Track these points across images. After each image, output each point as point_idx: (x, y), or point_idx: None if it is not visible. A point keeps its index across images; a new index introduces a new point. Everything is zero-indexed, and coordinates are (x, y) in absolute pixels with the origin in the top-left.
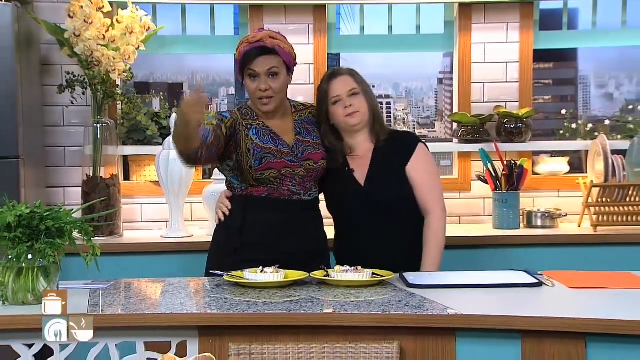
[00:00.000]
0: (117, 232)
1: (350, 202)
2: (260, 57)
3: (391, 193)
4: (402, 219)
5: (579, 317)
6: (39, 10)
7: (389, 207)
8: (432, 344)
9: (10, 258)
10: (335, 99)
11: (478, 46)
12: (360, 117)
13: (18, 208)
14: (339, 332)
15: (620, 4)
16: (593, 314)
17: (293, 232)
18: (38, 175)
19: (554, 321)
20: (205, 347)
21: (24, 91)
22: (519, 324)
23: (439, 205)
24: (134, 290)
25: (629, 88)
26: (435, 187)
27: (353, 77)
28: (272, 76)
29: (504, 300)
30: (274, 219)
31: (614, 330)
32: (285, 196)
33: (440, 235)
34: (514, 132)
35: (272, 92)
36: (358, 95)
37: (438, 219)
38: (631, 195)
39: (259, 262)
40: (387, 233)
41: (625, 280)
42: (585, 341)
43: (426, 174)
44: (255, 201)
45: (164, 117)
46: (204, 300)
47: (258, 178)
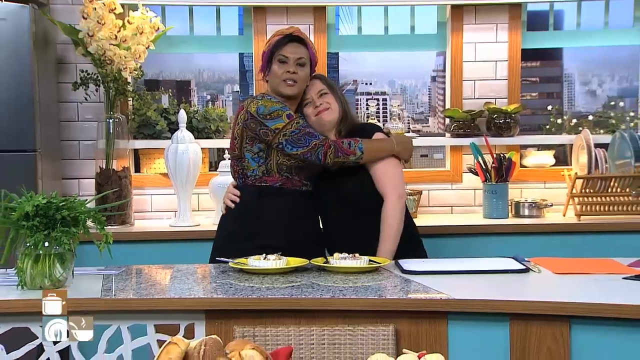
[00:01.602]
0: (129, 221)
1: (326, 193)
2: (291, 44)
3: (355, 183)
4: (366, 209)
5: (563, 301)
6: (55, 11)
7: (355, 198)
8: (426, 327)
9: (28, 245)
10: (306, 101)
11: (469, 46)
12: (332, 113)
13: (35, 198)
14: (338, 316)
15: (603, 6)
16: (577, 298)
17: (302, 220)
18: (54, 168)
19: (540, 305)
20: (211, 330)
21: (40, 88)
22: (507, 307)
23: (395, 191)
24: (144, 276)
25: (611, 85)
26: (390, 173)
27: (320, 80)
28: (300, 66)
29: (493, 285)
30: (286, 207)
31: (596, 313)
32: (297, 187)
33: (392, 220)
34: (503, 127)
35: (297, 77)
36: (327, 95)
37: (392, 203)
38: (613, 186)
39: (271, 248)
40: (356, 223)
41: (607, 266)
42: (569, 323)
43: (380, 162)
44: (269, 190)
45: (172, 113)
46: (210, 285)
47: (280, 163)
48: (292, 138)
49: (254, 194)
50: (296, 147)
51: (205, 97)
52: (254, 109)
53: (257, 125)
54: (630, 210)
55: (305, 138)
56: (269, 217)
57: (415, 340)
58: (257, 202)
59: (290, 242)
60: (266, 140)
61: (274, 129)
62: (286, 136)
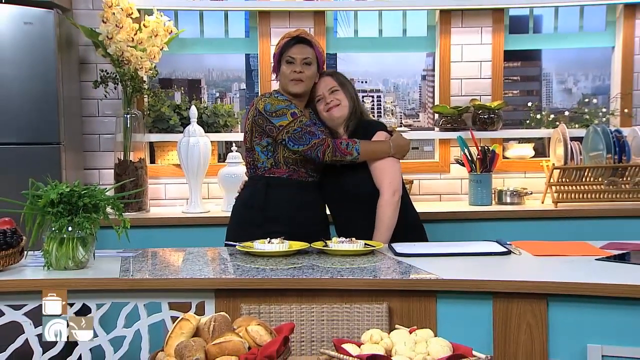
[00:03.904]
0: (145, 208)
1: (329, 185)
2: (298, 45)
3: (355, 177)
4: (365, 200)
5: (541, 280)
6: (77, 16)
7: (356, 191)
8: (416, 304)
9: (54, 230)
10: (318, 97)
11: (456, 47)
12: (342, 109)
13: (60, 187)
14: (336, 295)
15: (578, 12)
16: (553, 277)
17: (307, 209)
18: (77, 159)
19: (521, 284)
20: (220, 307)
21: (64, 86)
22: (490, 286)
23: (390, 188)
24: (159, 258)
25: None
26: (387, 170)
27: (332, 77)
28: (306, 65)
29: (478, 267)
30: (292, 197)
31: (571, 292)
32: (303, 178)
33: (384, 215)
34: (487, 122)
35: (303, 76)
36: (337, 92)
37: (386, 199)
38: (587, 176)
39: (278, 234)
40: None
41: (581, 248)
42: (547, 301)
43: (380, 160)
44: (277, 181)
45: (184, 109)
46: (219, 266)
47: (287, 156)
48: (295, 136)
49: (263, 184)
50: (297, 144)
51: (214, 94)
52: (262, 106)
53: (264, 121)
54: (603, 197)
55: (307, 137)
56: (277, 205)
57: (406, 316)
58: (265, 191)
59: (296, 228)
60: (272, 136)
61: (278, 126)
62: (289, 133)
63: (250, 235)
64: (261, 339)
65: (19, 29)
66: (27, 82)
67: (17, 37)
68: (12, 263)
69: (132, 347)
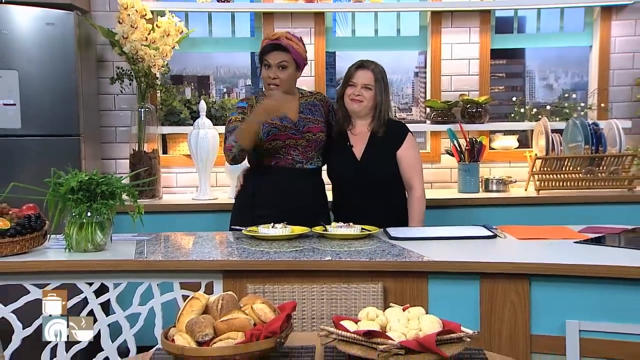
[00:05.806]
0: (157, 195)
1: (346, 171)
2: (274, 52)
3: (381, 169)
4: (385, 190)
5: (524, 262)
6: (95, 17)
7: (378, 180)
8: (409, 284)
9: (74, 215)
10: (352, 83)
11: (446, 46)
12: (362, 106)
13: (79, 175)
14: (335, 275)
15: (558, 13)
16: (535, 259)
17: (294, 194)
18: (95, 150)
19: (505, 265)
20: (228, 287)
21: (83, 82)
22: (477, 267)
23: (421, 183)
24: (171, 241)
25: (565, 80)
26: (418, 168)
27: (373, 73)
28: (281, 68)
29: (466, 249)
30: (279, 183)
31: (551, 272)
32: (289, 165)
33: (421, 203)
34: (475, 115)
35: (278, 81)
36: (369, 90)
37: (420, 191)
38: (566, 165)
39: (267, 218)
40: (372, 200)
41: (561, 232)
42: (529, 280)
43: (413, 159)
44: (265, 169)
45: (194, 103)
46: (227, 249)
47: (267, 148)
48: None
49: (254, 173)
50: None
51: (222, 90)
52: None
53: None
54: (581, 185)
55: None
56: (264, 191)
57: (400, 295)
58: (253, 179)
59: (283, 212)
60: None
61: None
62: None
63: (245, 219)
64: (266, 316)
65: (41, 30)
66: (49, 78)
67: (40, 37)
68: (36, 245)
69: (147, 323)
